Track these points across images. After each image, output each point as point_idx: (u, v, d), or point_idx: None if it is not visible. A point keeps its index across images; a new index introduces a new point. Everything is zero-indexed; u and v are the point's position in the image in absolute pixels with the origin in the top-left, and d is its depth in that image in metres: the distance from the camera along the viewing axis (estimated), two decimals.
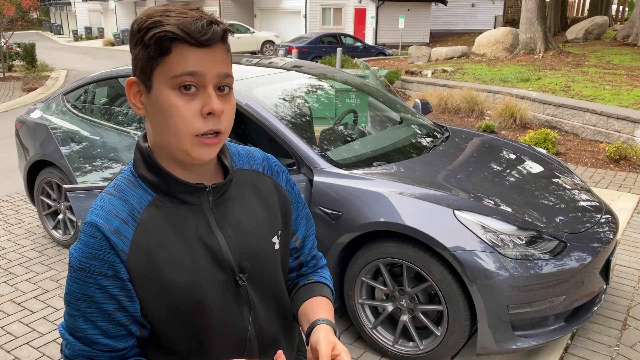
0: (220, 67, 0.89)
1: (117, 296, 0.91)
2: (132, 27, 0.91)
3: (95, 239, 0.90)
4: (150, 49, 0.87)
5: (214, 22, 0.88)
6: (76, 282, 0.91)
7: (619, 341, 3.02)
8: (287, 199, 1.15)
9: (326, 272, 1.26)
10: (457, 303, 2.59)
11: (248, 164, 1.10)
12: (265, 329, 1.07)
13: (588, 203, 3.18)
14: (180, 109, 0.87)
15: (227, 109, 0.92)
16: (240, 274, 1.01)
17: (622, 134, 7.16)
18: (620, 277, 3.71)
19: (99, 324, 0.92)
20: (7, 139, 8.29)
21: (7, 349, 3.03)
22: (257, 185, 1.09)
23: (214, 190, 1.00)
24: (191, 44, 0.86)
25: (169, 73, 0.87)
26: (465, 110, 9.08)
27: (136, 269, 0.92)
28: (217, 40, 0.88)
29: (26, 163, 4.40)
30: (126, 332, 0.95)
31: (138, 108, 0.94)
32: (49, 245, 4.42)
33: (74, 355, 0.94)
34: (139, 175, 0.97)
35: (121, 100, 4.24)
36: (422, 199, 2.72)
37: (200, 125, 0.88)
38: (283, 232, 1.12)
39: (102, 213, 0.92)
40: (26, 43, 16.91)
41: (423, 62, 14.63)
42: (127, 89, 0.94)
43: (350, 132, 3.82)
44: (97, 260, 0.90)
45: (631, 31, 16.18)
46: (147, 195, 0.96)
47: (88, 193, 2.40)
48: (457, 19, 30.98)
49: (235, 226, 1.02)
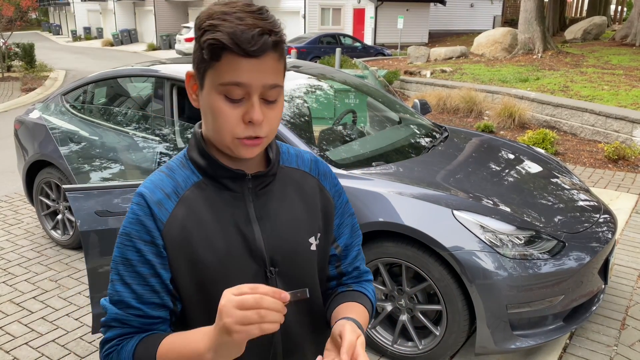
0: (267, 78, 0.91)
1: (152, 261, 0.97)
2: (195, 22, 0.95)
3: (139, 206, 0.98)
4: (204, 51, 0.91)
5: (266, 31, 0.89)
6: (119, 246, 0.99)
7: (617, 341, 3.03)
8: (331, 202, 1.14)
9: (370, 286, 1.22)
10: (456, 303, 2.59)
11: (295, 162, 1.12)
12: (292, 330, 1.06)
13: (587, 203, 3.19)
14: (225, 113, 0.92)
15: (271, 116, 0.95)
16: (271, 267, 1.02)
17: (621, 134, 7.17)
18: (619, 277, 3.72)
19: (133, 287, 0.97)
20: (6, 139, 8.29)
21: (6, 349, 3.02)
22: (302, 184, 1.11)
23: (254, 179, 1.02)
24: (240, 54, 0.88)
25: (218, 79, 0.91)
26: (464, 110, 9.09)
27: (171, 239, 0.98)
28: (267, 50, 0.90)
29: (25, 163, 4.39)
30: (159, 300, 0.99)
31: (193, 99, 1.00)
32: (48, 246, 4.41)
33: (108, 320, 0.99)
34: (190, 157, 1.03)
35: (120, 101, 4.24)
36: (421, 199, 2.73)
37: (240, 130, 0.93)
38: (323, 235, 1.11)
39: (150, 186, 1.00)
40: (25, 43, 16.89)
41: (422, 62, 14.63)
42: (186, 80, 1.00)
43: (349, 132, 3.82)
44: (137, 225, 0.97)
45: (629, 31, 16.19)
46: (193, 177, 1.02)
47: (87, 193, 2.40)
48: (455, 19, 30.99)
49: (273, 220, 1.04)
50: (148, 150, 3.42)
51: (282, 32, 0.93)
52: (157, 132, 3.53)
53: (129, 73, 3.98)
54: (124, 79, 4.12)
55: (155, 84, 3.75)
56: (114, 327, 0.99)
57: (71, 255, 4.23)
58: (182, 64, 3.84)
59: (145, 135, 3.55)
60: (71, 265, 4.06)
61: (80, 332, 3.20)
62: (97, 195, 2.40)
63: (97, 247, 2.37)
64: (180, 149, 3.25)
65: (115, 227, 2.40)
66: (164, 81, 3.59)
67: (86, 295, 3.62)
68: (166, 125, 3.51)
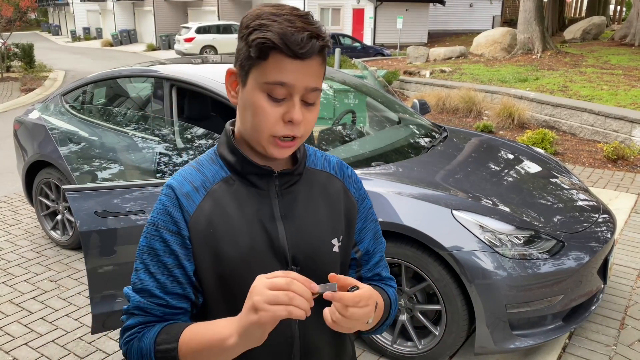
0: (310, 81, 0.94)
1: (177, 252, 0.99)
2: (242, 20, 0.97)
3: (167, 197, 1.01)
4: (251, 49, 0.93)
5: (314, 35, 0.92)
6: (145, 236, 1.01)
7: (616, 340, 3.03)
8: (354, 206, 1.16)
9: (392, 290, 1.21)
10: (455, 303, 2.59)
11: (322, 165, 1.15)
12: (311, 332, 1.07)
13: (586, 203, 3.19)
14: (266, 111, 0.94)
15: (308, 118, 0.98)
16: (293, 266, 1.04)
17: (620, 134, 7.18)
18: (618, 277, 3.72)
19: (157, 276, 0.99)
20: (5, 139, 8.28)
21: (6, 350, 3.02)
22: (327, 186, 1.13)
23: (281, 177, 1.05)
24: (288, 55, 0.91)
25: (263, 78, 0.93)
26: (464, 110, 9.10)
27: (196, 231, 1.00)
28: (313, 54, 0.93)
29: (24, 164, 4.39)
30: (181, 291, 1.00)
31: (232, 96, 1.02)
32: (47, 246, 4.41)
33: (131, 308, 1.00)
34: (220, 154, 1.06)
35: (119, 101, 4.24)
36: (420, 199, 2.73)
37: (279, 128, 0.95)
38: (345, 237, 1.12)
39: (179, 178, 1.03)
40: (24, 44, 16.88)
41: (421, 62, 14.64)
42: (226, 77, 1.02)
43: (349, 132, 3.82)
44: (165, 216, 1.00)
45: (629, 31, 16.21)
46: (222, 172, 1.05)
47: (86, 193, 2.40)
48: (455, 19, 31.01)
49: (297, 219, 1.06)
50: (147, 150, 3.42)
51: (328, 38, 0.95)
52: (156, 132, 3.54)
53: (129, 73, 3.98)
54: (124, 79, 4.13)
55: (155, 85, 3.76)
56: (136, 315, 1.00)
57: (71, 256, 4.23)
58: (182, 65, 3.84)
59: (144, 136, 3.55)
60: (71, 266, 4.06)
61: (80, 332, 3.20)
62: (96, 196, 2.40)
63: (97, 247, 2.37)
64: (179, 150, 3.25)
65: (114, 228, 2.40)
66: (164, 81, 3.59)
67: (86, 295, 3.62)
68: (165, 126, 3.51)
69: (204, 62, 4.15)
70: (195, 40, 23.50)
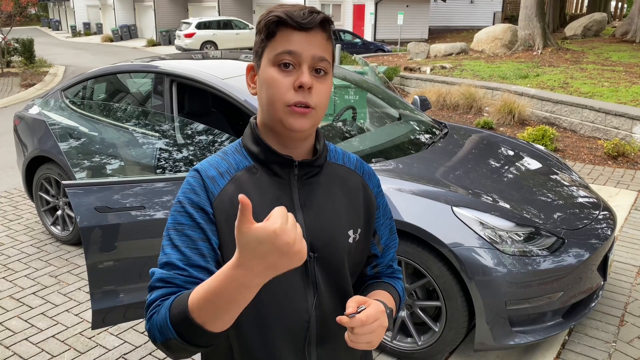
0: (316, 50, 1.02)
1: (202, 225, 1.04)
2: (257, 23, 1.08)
3: (194, 179, 1.07)
4: (262, 33, 1.04)
5: (315, 11, 1.03)
6: (172, 214, 1.06)
7: (616, 337, 3.03)
8: (373, 201, 1.21)
9: (399, 283, 1.29)
10: (455, 299, 2.59)
11: (342, 160, 1.20)
12: (327, 318, 1.11)
13: (586, 199, 3.19)
14: (277, 81, 1.01)
15: (319, 88, 1.03)
16: (311, 253, 1.09)
17: (620, 131, 7.17)
18: (618, 274, 3.73)
19: (182, 249, 1.02)
20: (5, 135, 8.27)
21: (6, 345, 3.03)
22: (346, 181, 1.18)
23: (301, 167, 1.10)
24: (293, 27, 1.01)
25: (272, 52, 1.02)
26: (464, 106, 9.08)
27: (220, 211, 1.05)
28: (315, 25, 1.02)
29: (25, 159, 4.39)
30: (204, 263, 1.02)
31: (251, 87, 1.10)
32: (47, 241, 4.42)
33: (153, 281, 1.02)
34: (244, 145, 1.13)
35: (120, 96, 4.23)
36: (420, 196, 2.73)
37: (291, 96, 1.01)
38: (363, 231, 1.17)
39: (206, 164, 1.10)
40: (24, 39, 16.84)
41: (422, 58, 14.61)
42: (246, 72, 1.12)
43: (349, 128, 3.82)
44: (191, 194, 1.05)
45: (630, 28, 16.17)
46: (245, 161, 1.11)
47: (87, 189, 2.40)
48: (456, 15, 30.93)
49: (316, 209, 1.11)
50: (148, 146, 3.42)
51: (329, 17, 1.05)
52: (156, 128, 3.53)
53: (129, 69, 3.97)
54: (124, 74, 4.12)
55: (155, 80, 3.75)
56: (158, 288, 1.01)
57: (71, 251, 4.24)
58: (182, 60, 3.83)
59: (144, 131, 3.55)
60: (71, 261, 4.07)
61: (80, 327, 3.20)
62: (96, 191, 2.40)
63: (97, 242, 2.37)
64: (180, 145, 3.25)
65: (115, 223, 2.40)
66: (164, 77, 3.58)
67: (86, 291, 3.63)
68: (166, 121, 3.50)
69: (204, 57, 4.14)
70: (195, 36, 23.43)
